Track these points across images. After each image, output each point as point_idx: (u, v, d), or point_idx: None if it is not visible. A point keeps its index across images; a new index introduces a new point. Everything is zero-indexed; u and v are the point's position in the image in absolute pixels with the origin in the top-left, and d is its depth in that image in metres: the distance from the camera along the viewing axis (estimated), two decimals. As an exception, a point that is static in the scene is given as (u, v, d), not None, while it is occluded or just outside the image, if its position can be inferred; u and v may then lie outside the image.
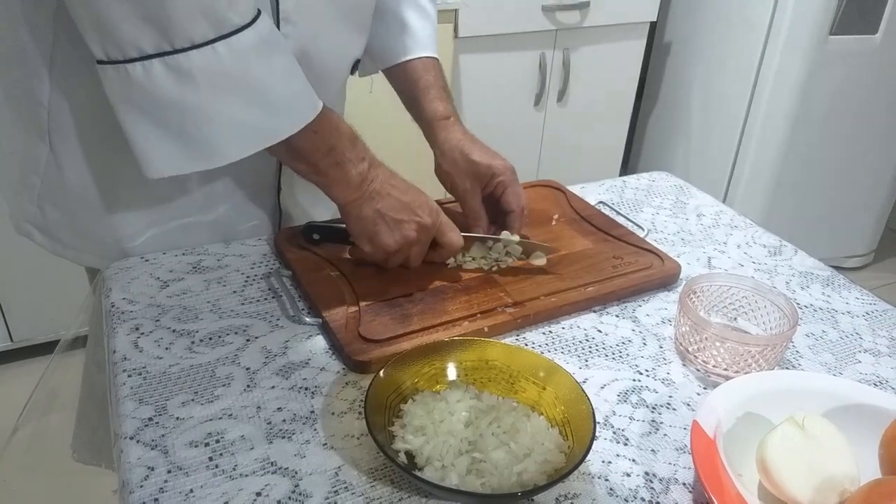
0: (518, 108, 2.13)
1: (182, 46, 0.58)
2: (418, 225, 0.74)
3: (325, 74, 0.79)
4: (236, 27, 0.60)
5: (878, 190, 2.33)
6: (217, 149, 0.64)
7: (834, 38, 2.00)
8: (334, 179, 0.71)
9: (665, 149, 2.52)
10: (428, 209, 0.74)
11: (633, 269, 0.81)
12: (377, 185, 0.73)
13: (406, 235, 0.73)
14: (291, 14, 0.71)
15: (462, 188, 0.84)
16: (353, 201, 0.72)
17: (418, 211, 0.73)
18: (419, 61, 0.89)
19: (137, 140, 0.63)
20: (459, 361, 0.64)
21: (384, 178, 0.73)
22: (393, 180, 0.74)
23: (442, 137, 0.85)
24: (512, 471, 0.53)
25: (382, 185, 0.73)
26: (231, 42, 0.59)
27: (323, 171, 0.70)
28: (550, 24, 2.02)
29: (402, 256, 0.76)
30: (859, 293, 0.83)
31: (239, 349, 0.67)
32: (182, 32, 0.57)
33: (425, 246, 0.77)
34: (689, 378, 0.68)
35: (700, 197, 1.04)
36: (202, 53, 0.59)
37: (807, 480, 0.51)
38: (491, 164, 0.83)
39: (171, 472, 0.54)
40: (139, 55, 0.58)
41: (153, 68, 0.58)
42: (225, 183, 0.81)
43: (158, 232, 0.81)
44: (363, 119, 0.88)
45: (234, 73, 0.61)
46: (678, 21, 2.38)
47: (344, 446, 0.57)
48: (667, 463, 0.58)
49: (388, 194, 0.73)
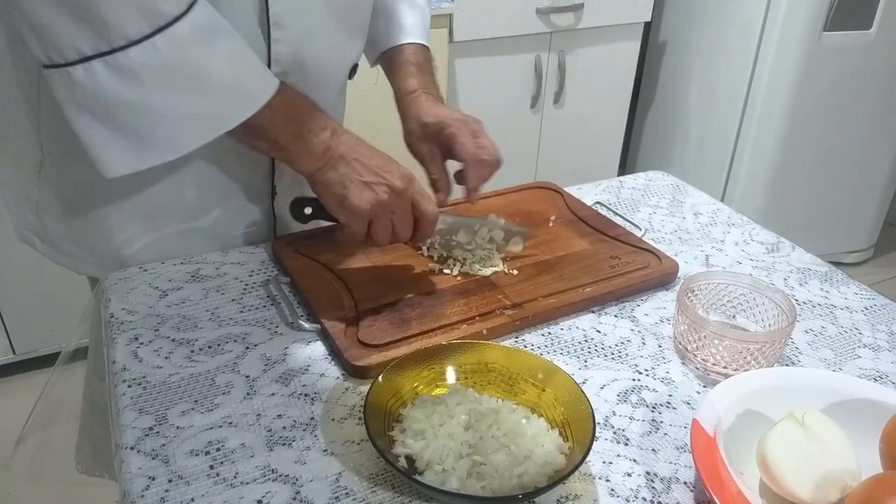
0: (514, 111, 2.13)
1: (119, 45, 0.57)
2: (389, 187, 0.70)
3: (321, 79, 0.79)
4: (172, 18, 0.59)
5: (876, 185, 2.33)
6: (171, 142, 0.63)
7: (828, 35, 2.00)
8: (297, 153, 0.70)
9: (662, 148, 2.52)
10: (398, 173, 0.71)
11: (631, 268, 0.81)
12: (342, 151, 0.71)
13: (378, 198, 0.70)
14: (282, 18, 0.71)
15: (419, 154, 0.83)
16: (319, 170, 0.71)
17: (386, 175, 0.70)
18: (403, 46, 0.89)
19: (90, 142, 0.62)
20: (458, 365, 0.64)
21: (349, 143, 0.71)
22: (359, 146, 0.72)
23: (405, 112, 0.85)
24: (512, 473, 0.53)
25: (347, 151, 0.71)
26: (168, 34, 0.59)
27: (284, 146, 0.69)
28: (545, 26, 2.03)
29: (384, 226, 0.73)
30: (858, 288, 0.83)
31: (238, 357, 0.67)
32: (117, 30, 0.57)
33: (405, 214, 0.73)
34: (689, 377, 0.68)
35: (697, 195, 1.04)
36: (141, 49, 0.58)
37: (807, 477, 0.51)
38: (441, 119, 0.80)
39: (173, 481, 0.54)
40: (79, 57, 0.58)
41: (94, 69, 0.58)
42: (218, 188, 0.81)
43: (153, 239, 0.81)
44: (367, 114, 0.89)
45: (176, 64, 0.60)
46: (672, 21, 2.39)
47: (344, 452, 0.58)
48: (667, 462, 0.58)
49: (355, 159, 0.71)
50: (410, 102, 0.85)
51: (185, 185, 0.79)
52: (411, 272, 0.79)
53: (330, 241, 0.83)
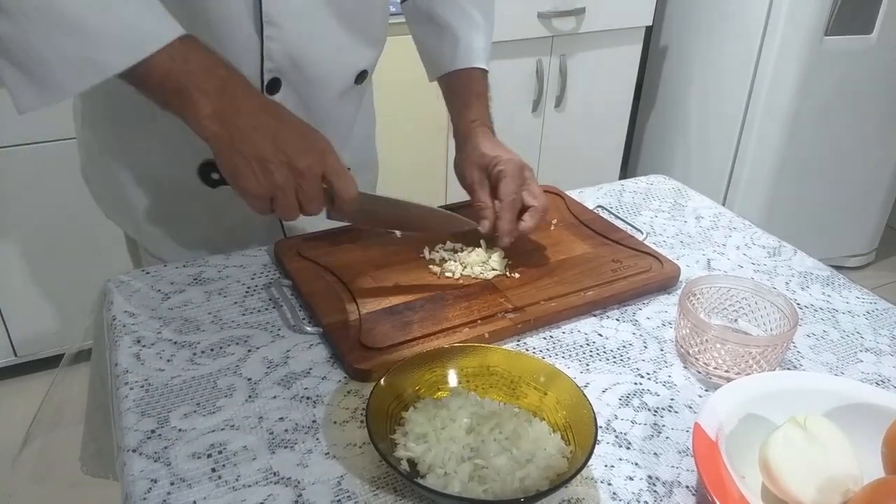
0: (516, 115, 2.14)
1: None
2: (289, 168, 0.65)
3: (318, 81, 0.79)
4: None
5: (877, 188, 2.33)
6: (58, 82, 0.61)
7: (829, 39, 2.01)
8: (181, 110, 0.64)
9: (664, 152, 2.53)
10: (304, 148, 0.66)
11: (633, 272, 0.81)
12: (241, 121, 0.64)
13: (272, 180, 0.65)
14: (275, 17, 0.71)
15: (470, 179, 0.84)
16: (213, 137, 0.64)
17: (289, 151, 0.65)
18: (464, 72, 0.92)
19: (3, 78, 0.61)
20: (460, 368, 0.64)
21: (251, 110, 0.65)
22: (264, 115, 0.66)
23: (464, 139, 0.88)
24: (514, 477, 0.53)
25: (248, 118, 0.65)
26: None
27: (166, 102, 0.64)
28: (546, 30, 2.03)
29: (286, 204, 0.68)
30: (859, 292, 0.83)
31: (240, 360, 0.67)
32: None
33: (312, 192, 0.67)
34: (691, 380, 0.68)
35: (698, 199, 1.04)
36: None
37: (810, 481, 0.51)
38: (497, 154, 0.83)
39: (174, 483, 0.54)
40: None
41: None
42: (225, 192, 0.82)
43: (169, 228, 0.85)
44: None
45: (47, 8, 0.58)
46: (674, 25, 2.39)
47: (346, 455, 0.58)
48: (669, 466, 0.58)
49: (255, 129, 0.64)
50: (470, 131, 0.88)
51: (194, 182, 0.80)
52: (413, 275, 0.79)
53: (332, 244, 0.83)
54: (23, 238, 1.67)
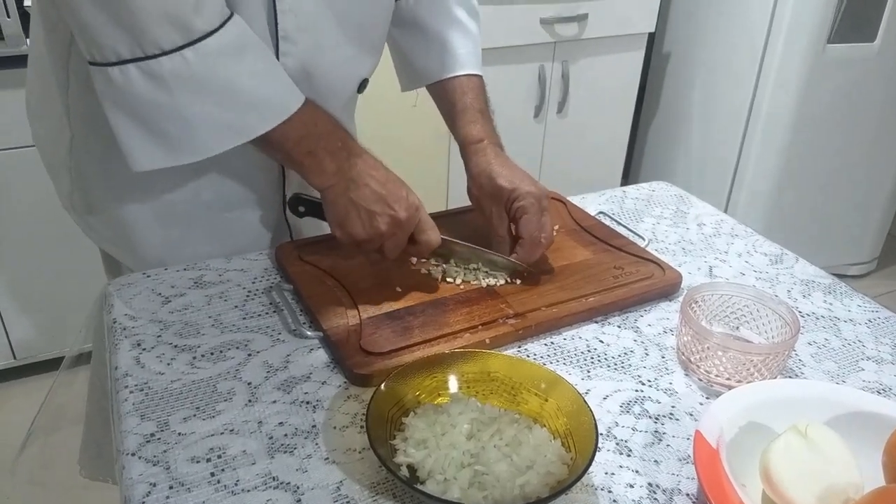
0: (518, 121, 2.14)
1: (152, 53, 0.62)
2: (391, 218, 0.73)
3: (328, 92, 0.79)
4: (203, 34, 0.63)
5: (879, 196, 2.33)
6: (195, 145, 0.67)
7: (832, 47, 2.01)
8: (309, 168, 0.72)
9: (666, 159, 2.53)
10: (405, 203, 0.73)
11: (635, 279, 0.81)
12: (355, 174, 0.73)
13: (377, 228, 0.73)
14: (291, 33, 0.72)
15: (488, 212, 0.83)
16: (330, 188, 0.73)
17: (394, 204, 0.72)
18: (458, 80, 0.89)
19: (121, 136, 0.67)
20: (461, 374, 0.64)
21: (364, 167, 0.73)
22: (374, 170, 0.73)
23: (473, 161, 0.85)
24: (514, 483, 0.53)
25: (361, 174, 0.73)
26: (198, 48, 0.63)
27: (297, 161, 0.72)
28: (549, 36, 2.03)
29: (375, 246, 0.75)
30: (861, 301, 0.83)
31: (240, 364, 0.67)
32: (152, 40, 0.61)
33: (401, 240, 0.75)
34: (692, 388, 0.68)
35: (700, 206, 1.04)
36: (171, 60, 0.62)
37: (810, 489, 0.51)
38: (516, 188, 0.80)
39: (174, 487, 0.54)
40: (117, 59, 0.62)
41: (129, 72, 0.62)
42: (233, 194, 0.84)
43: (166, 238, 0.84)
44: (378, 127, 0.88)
45: (203, 77, 0.64)
46: (676, 31, 2.39)
47: (346, 460, 0.57)
48: (670, 473, 0.58)
49: (366, 184, 0.72)
50: (477, 152, 0.85)
51: (202, 187, 0.81)
52: (414, 280, 0.79)
53: (333, 249, 0.83)
54: (23, 240, 1.67)
